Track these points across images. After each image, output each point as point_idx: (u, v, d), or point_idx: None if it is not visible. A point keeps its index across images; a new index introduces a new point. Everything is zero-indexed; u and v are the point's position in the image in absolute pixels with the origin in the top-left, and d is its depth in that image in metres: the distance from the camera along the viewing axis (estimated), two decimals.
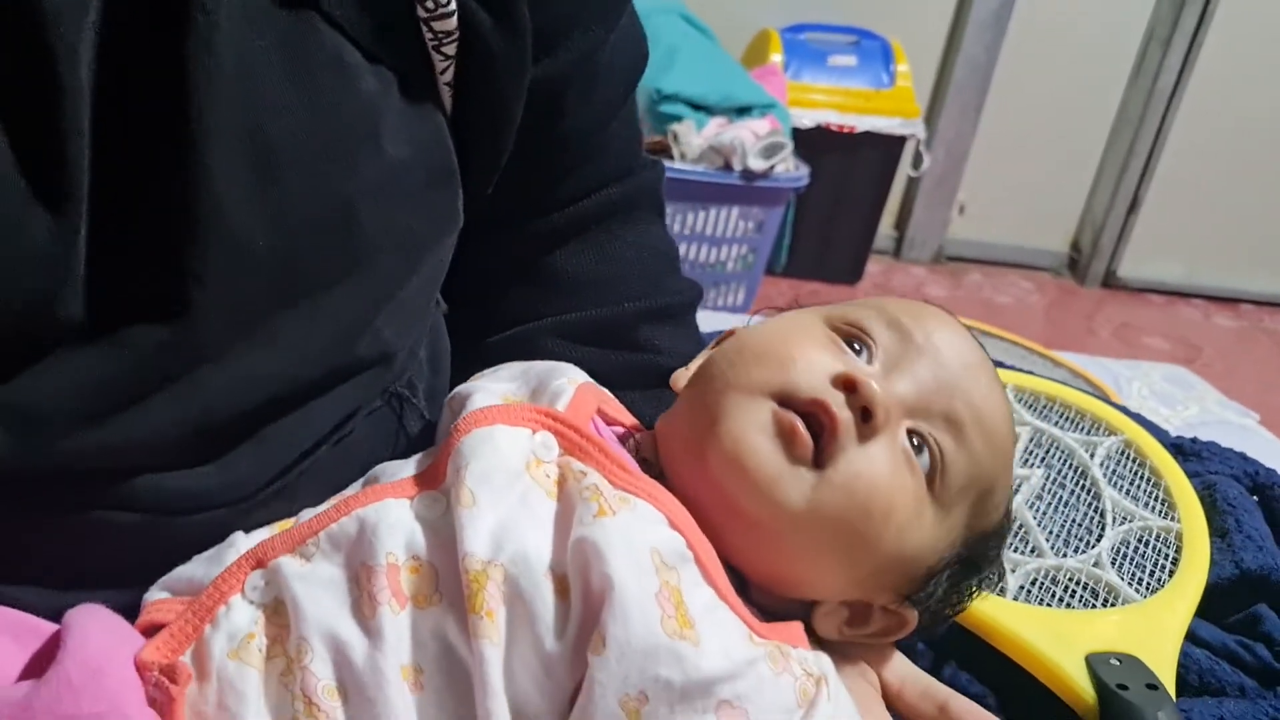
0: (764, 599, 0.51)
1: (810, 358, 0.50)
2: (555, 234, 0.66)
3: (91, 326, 0.43)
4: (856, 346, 0.52)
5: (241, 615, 0.45)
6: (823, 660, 0.49)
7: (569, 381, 0.53)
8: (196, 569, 0.48)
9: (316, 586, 0.44)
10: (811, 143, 2.35)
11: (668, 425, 0.53)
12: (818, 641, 0.52)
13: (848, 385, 0.48)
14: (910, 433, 0.50)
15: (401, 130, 0.50)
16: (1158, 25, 2.78)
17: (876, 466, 0.48)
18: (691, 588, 0.44)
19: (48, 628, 0.45)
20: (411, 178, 0.51)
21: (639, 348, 0.65)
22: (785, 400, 0.49)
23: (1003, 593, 0.66)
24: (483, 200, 0.59)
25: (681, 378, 0.57)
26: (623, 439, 0.54)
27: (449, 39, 0.51)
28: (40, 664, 0.43)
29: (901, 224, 2.93)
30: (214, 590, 0.45)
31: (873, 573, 0.51)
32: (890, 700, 0.55)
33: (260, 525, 0.50)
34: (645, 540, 0.44)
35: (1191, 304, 3.03)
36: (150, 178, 0.43)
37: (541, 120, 0.58)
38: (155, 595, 0.48)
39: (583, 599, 0.43)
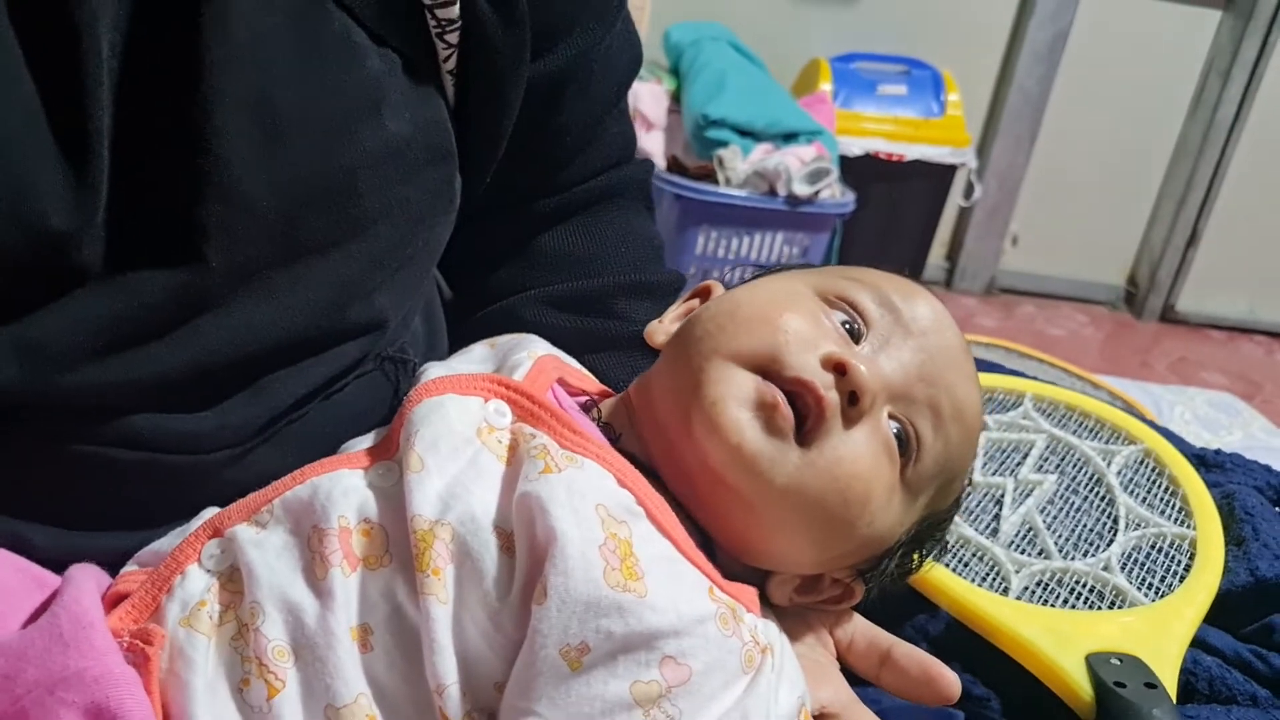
0: (726, 563, 0.51)
1: (801, 333, 0.49)
2: (546, 217, 0.68)
3: (105, 271, 0.46)
4: (846, 323, 0.52)
5: (195, 583, 0.45)
6: (772, 631, 0.48)
7: (529, 355, 0.54)
8: (165, 543, 0.49)
9: (270, 552, 0.45)
10: (860, 170, 2.35)
11: (647, 386, 0.53)
12: (769, 606, 0.52)
13: (838, 368, 0.48)
14: (892, 417, 0.50)
15: (403, 108, 0.52)
16: (1217, 56, 2.75)
17: (859, 453, 0.48)
18: (643, 541, 0.44)
19: (53, 580, 0.47)
20: (411, 154, 0.53)
21: (615, 317, 0.66)
22: (771, 374, 0.48)
23: (1005, 592, 0.65)
24: (482, 187, 0.61)
25: (657, 331, 0.57)
26: (585, 407, 0.55)
27: (451, 27, 0.53)
28: (40, 615, 0.45)
29: (953, 254, 2.91)
30: (171, 560, 0.46)
31: (840, 553, 0.51)
32: (842, 655, 0.56)
33: (252, 471, 0.51)
34: (591, 494, 0.44)
35: (1254, 340, 2.97)
36: (164, 137, 0.46)
37: (540, 113, 0.61)
38: (127, 568, 0.49)
39: (528, 553, 0.43)
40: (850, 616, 0.57)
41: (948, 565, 0.66)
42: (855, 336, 0.51)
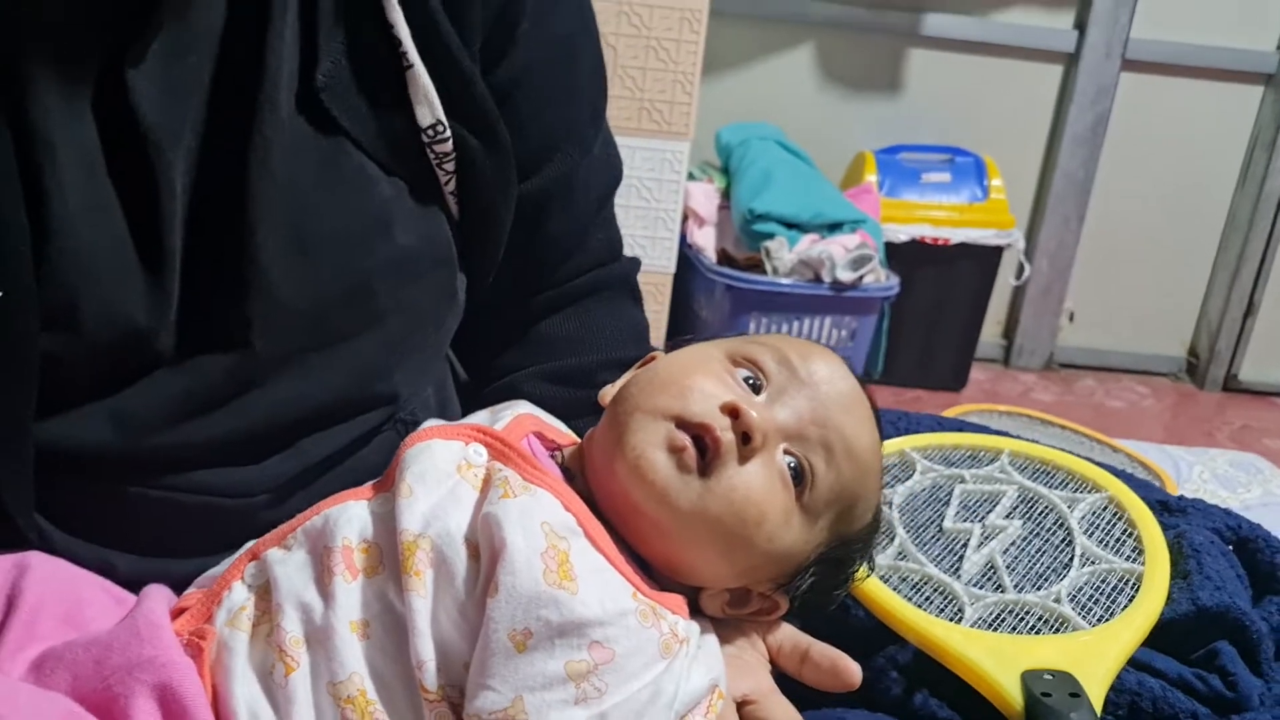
0: (663, 582, 0.61)
1: (704, 388, 0.60)
2: (542, 309, 0.81)
3: (178, 356, 0.60)
4: (749, 378, 0.62)
5: (238, 595, 0.58)
6: (693, 629, 0.58)
7: (512, 413, 0.66)
8: (219, 570, 0.61)
9: (291, 567, 0.57)
10: (906, 256, 2.45)
11: (591, 438, 0.65)
12: (706, 617, 0.62)
13: (732, 412, 0.59)
14: (787, 453, 0.60)
15: (410, 225, 0.66)
16: (1262, 130, 2.80)
17: (752, 481, 0.59)
18: (580, 554, 0.55)
19: (128, 597, 0.60)
20: (418, 262, 0.67)
21: (598, 388, 0.76)
22: (680, 423, 0.59)
23: (960, 621, 0.73)
24: (485, 287, 0.74)
25: (607, 394, 0.68)
26: (553, 453, 0.66)
27: (448, 158, 0.67)
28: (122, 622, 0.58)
29: (1010, 332, 2.97)
30: (221, 579, 0.59)
31: (749, 567, 0.61)
32: (774, 658, 0.65)
33: (286, 511, 0.63)
34: (539, 514, 0.55)
35: None
36: (220, 253, 0.60)
37: (530, 225, 0.74)
38: (189, 590, 0.61)
39: (489, 559, 0.54)
40: (779, 626, 0.67)
41: (910, 599, 0.75)
42: (756, 389, 0.62)
